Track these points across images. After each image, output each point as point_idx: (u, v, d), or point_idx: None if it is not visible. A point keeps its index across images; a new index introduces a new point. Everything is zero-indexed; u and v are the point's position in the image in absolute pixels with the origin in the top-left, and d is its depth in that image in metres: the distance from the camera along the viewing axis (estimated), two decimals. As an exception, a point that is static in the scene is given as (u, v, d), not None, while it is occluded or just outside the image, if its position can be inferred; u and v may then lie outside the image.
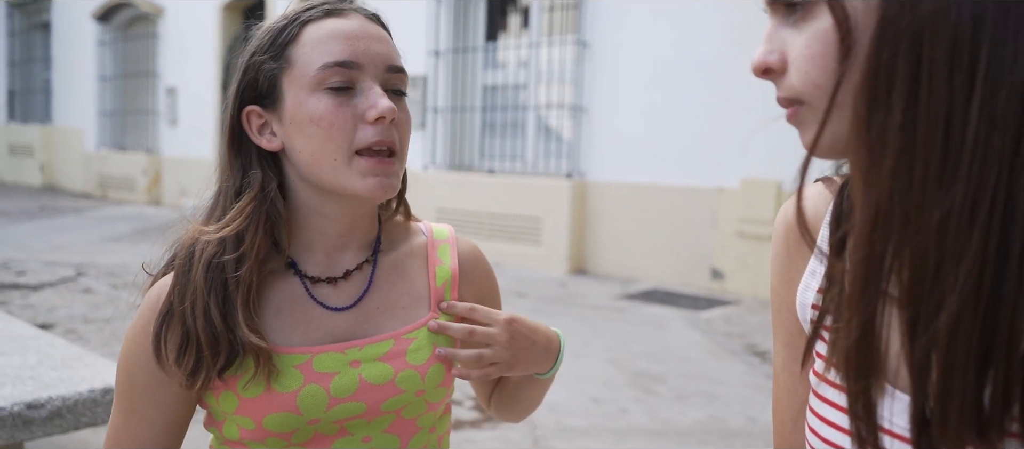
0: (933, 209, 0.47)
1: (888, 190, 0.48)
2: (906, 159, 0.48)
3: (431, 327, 0.92)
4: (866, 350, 0.52)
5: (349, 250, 0.94)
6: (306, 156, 0.86)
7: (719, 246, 6.09)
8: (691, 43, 6.16)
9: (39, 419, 1.81)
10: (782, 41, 0.57)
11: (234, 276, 0.85)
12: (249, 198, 0.87)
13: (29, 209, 10.15)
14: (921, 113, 0.47)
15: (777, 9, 0.58)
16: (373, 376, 0.89)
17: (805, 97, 0.56)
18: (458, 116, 7.81)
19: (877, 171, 0.49)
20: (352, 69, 0.85)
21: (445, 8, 7.70)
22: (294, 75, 0.86)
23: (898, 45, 0.48)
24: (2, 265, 6.14)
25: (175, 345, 0.85)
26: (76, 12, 12.49)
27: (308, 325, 0.90)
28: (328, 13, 0.88)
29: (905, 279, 0.49)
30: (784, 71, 0.57)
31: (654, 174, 6.43)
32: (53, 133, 13.38)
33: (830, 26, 0.52)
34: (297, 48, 0.86)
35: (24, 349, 2.13)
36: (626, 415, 3.37)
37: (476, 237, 7.22)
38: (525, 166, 7.39)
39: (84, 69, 12.47)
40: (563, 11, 7.15)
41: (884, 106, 0.48)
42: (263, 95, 0.88)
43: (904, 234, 0.48)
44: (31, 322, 4.13)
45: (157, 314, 0.87)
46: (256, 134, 0.89)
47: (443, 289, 0.97)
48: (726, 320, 5.15)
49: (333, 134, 0.84)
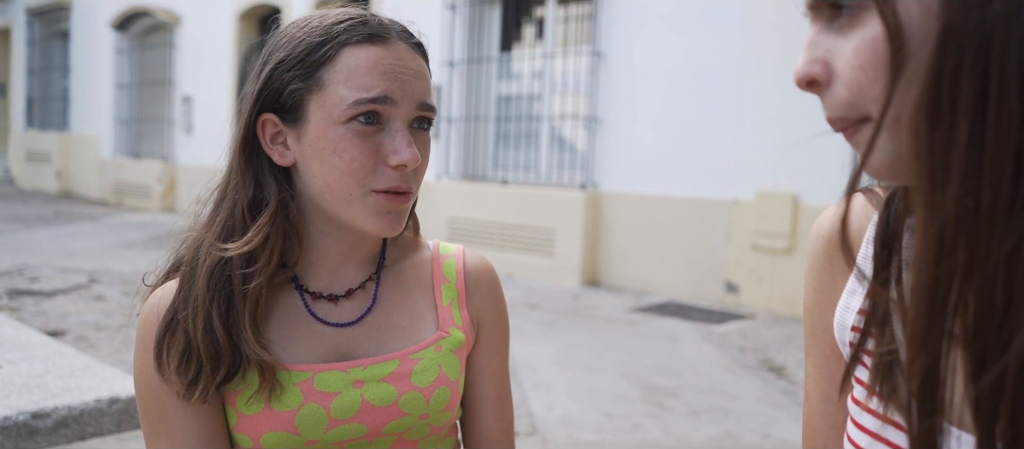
0: (1002, 239, 0.43)
1: (953, 218, 0.43)
2: (972, 183, 0.43)
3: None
4: (931, 393, 0.47)
5: (352, 266, 0.91)
6: (320, 183, 0.83)
7: (734, 259, 6.03)
8: (706, 54, 6.13)
9: (44, 429, 1.79)
10: (825, 49, 0.51)
11: (242, 289, 0.82)
12: (268, 216, 0.83)
13: (45, 215, 10.21)
14: (990, 131, 0.42)
15: (820, 13, 0.51)
16: (376, 397, 0.86)
17: (861, 111, 0.50)
18: (472, 126, 7.80)
19: (940, 196, 0.44)
20: (385, 105, 0.81)
21: (460, 18, 7.70)
22: (323, 100, 0.81)
23: (963, 55, 0.43)
24: (16, 271, 6.16)
25: (177, 354, 0.82)
26: (94, 21, 12.60)
27: (310, 341, 0.87)
28: (370, 38, 0.82)
29: (970, 317, 0.44)
30: (830, 83, 0.51)
31: (668, 186, 6.39)
32: (70, 140, 13.48)
33: (880, 34, 0.47)
34: (331, 72, 0.81)
35: (32, 357, 2.12)
36: (639, 430, 3.32)
37: (489, 248, 7.20)
38: (538, 177, 7.37)
39: (101, 77, 12.57)
40: (578, 22, 7.14)
41: (948, 123, 0.43)
42: (285, 108, 0.83)
43: (970, 267, 0.44)
44: (43, 328, 4.13)
45: (160, 321, 0.84)
46: (268, 144, 0.85)
47: (450, 307, 0.94)
48: (741, 334, 5.09)
49: (353, 170, 0.81)
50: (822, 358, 0.71)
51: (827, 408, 0.72)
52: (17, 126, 14.94)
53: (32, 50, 14.50)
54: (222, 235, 0.84)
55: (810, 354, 0.74)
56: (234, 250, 0.82)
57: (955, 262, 0.44)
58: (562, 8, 7.28)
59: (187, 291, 0.83)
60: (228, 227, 0.85)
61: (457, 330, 0.94)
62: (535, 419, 3.36)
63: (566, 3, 7.26)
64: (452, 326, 0.94)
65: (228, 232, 0.84)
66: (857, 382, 0.62)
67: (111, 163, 12.33)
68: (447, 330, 0.93)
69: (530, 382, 3.86)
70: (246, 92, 0.86)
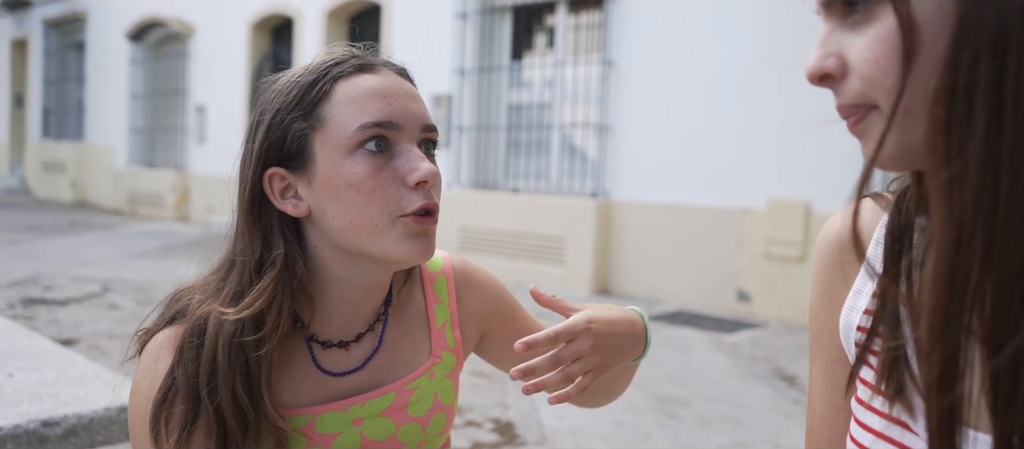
0: (1021, 229, 0.43)
1: (972, 208, 0.43)
2: (991, 173, 0.43)
3: (513, 375, 0.82)
4: (949, 384, 0.47)
5: (362, 314, 0.89)
6: (341, 222, 0.80)
7: (745, 267, 6.00)
8: (717, 62, 6.12)
9: (54, 437, 1.80)
10: (838, 44, 0.52)
11: (255, 355, 0.79)
12: (271, 277, 0.80)
13: (60, 224, 10.30)
14: (1007, 121, 0.43)
15: (833, 10, 0.53)
16: (375, 433, 0.86)
17: (874, 101, 0.51)
18: (483, 135, 7.81)
19: (958, 186, 0.44)
20: (391, 129, 0.79)
21: (471, 27, 7.72)
22: (327, 135, 0.79)
23: (979, 46, 0.43)
24: (31, 280, 6.21)
25: (177, 426, 0.79)
26: (110, 31, 12.73)
27: (314, 388, 0.86)
28: (359, 69, 0.82)
29: (988, 308, 0.44)
30: (844, 76, 0.52)
31: (679, 194, 6.37)
32: (85, 150, 13.60)
33: (894, 27, 0.48)
34: (330, 106, 0.79)
35: (43, 366, 2.13)
36: (649, 440, 3.30)
37: (499, 256, 7.20)
38: (549, 185, 7.37)
39: (116, 87, 12.69)
40: (588, 30, 7.15)
41: (966, 114, 0.44)
42: (290, 156, 0.81)
43: (988, 257, 0.43)
44: (56, 337, 4.16)
45: (157, 392, 0.81)
46: (279, 198, 0.82)
47: (444, 329, 0.94)
48: (752, 343, 5.06)
49: (375, 199, 0.78)
50: (827, 362, 0.72)
51: (831, 413, 0.72)
52: (33, 136, 15.09)
53: (49, 61, 14.66)
54: (231, 301, 0.81)
55: (815, 358, 0.74)
56: (234, 315, 0.79)
57: (973, 252, 0.44)
58: (573, 17, 7.29)
59: (193, 362, 0.80)
60: (237, 293, 0.81)
61: (449, 353, 0.94)
62: (544, 429, 3.35)
63: (577, 12, 7.27)
64: (444, 349, 0.93)
65: (237, 297, 0.81)
66: (861, 382, 0.62)
67: (125, 172, 12.43)
68: (440, 355, 0.92)
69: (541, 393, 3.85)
70: (243, 154, 0.84)
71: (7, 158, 16.27)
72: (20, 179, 15.44)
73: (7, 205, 12.70)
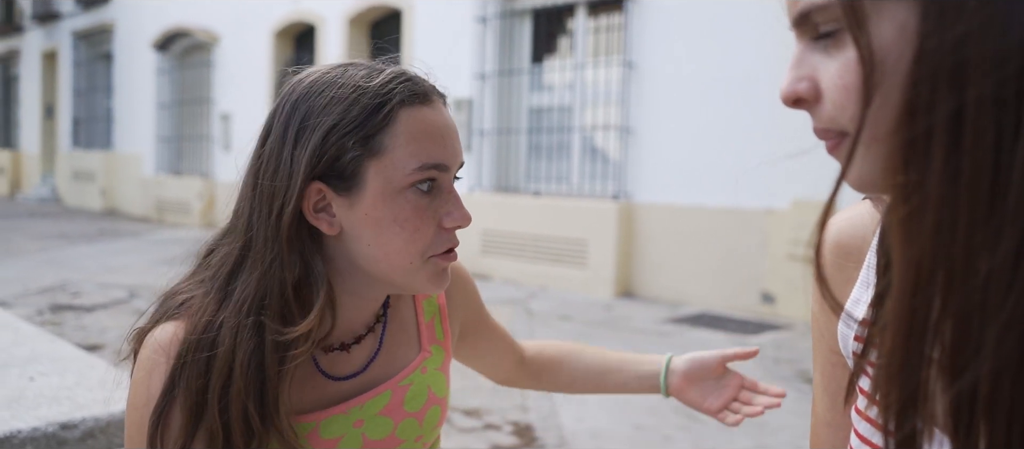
0: (979, 265, 0.41)
1: (931, 247, 0.42)
2: (949, 209, 0.41)
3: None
4: (910, 421, 0.45)
5: (362, 318, 0.89)
6: (376, 252, 0.79)
7: (769, 269, 5.94)
8: (738, 62, 6.07)
9: (72, 439, 1.82)
10: (812, 67, 0.51)
11: (277, 371, 0.78)
12: (324, 297, 0.79)
13: (88, 232, 10.46)
14: (966, 156, 0.41)
15: (805, 30, 0.51)
16: (375, 432, 0.87)
17: (846, 128, 0.50)
18: (504, 138, 7.81)
19: (917, 224, 0.42)
20: (442, 171, 0.80)
21: (491, 30, 7.73)
22: (383, 166, 0.77)
23: (937, 79, 0.42)
24: (59, 287, 6.31)
25: (178, 435, 0.78)
26: (136, 42, 12.92)
27: (316, 393, 0.85)
28: (419, 98, 0.80)
29: (948, 342, 0.43)
30: (818, 101, 0.51)
31: (702, 195, 6.32)
32: (114, 159, 13.81)
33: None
34: (391, 137, 0.77)
35: (64, 370, 2.16)
36: (669, 443, 3.27)
37: (521, 260, 7.19)
38: (571, 188, 7.35)
39: (143, 97, 12.88)
40: (608, 32, 7.13)
41: (924, 151, 0.42)
42: (338, 176, 0.78)
43: (947, 297, 0.42)
44: (82, 342, 4.21)
45: (157, 400, 0.79)
46: (312, 213, 0.79)
47: (432, 324, 0.95)
48: (776, 345, 5.01)
49: (416, 239, 0.79)
50: (828, 365, 0.71)
51: (833, 416, 0.71)
52: (64, 146, 15.35)
53: (78, 72, 14.91)
54: (278, 320, 0.78)
55: (817, 361, 0.73)
56: (299, 330, 0.77)
57: (933, 291, 0.42)
58: (592, 19, 7.28)
59: (201, 375, 0.77)
60: (282, 312, 0.78)
61: (438, 347, 0.94)
62: (564, 431, 3.34)
63: (596, 14, 7.25)
64: (433, 343, 0.94)
65: (285, 316, 0.78)
66: (860, 392, 0.61)
67: (153, 180, 12.60)
68: (429, 349, 0.93)
69: (560, 395, 3.83)
70: (282, 158, 0.79)
71: (38, 168, 16.57)
72: (51, 188, 15.71)
73: (39, 214, 12.93)
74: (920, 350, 0.43)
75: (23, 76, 17.12)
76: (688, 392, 1.09)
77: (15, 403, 1.86)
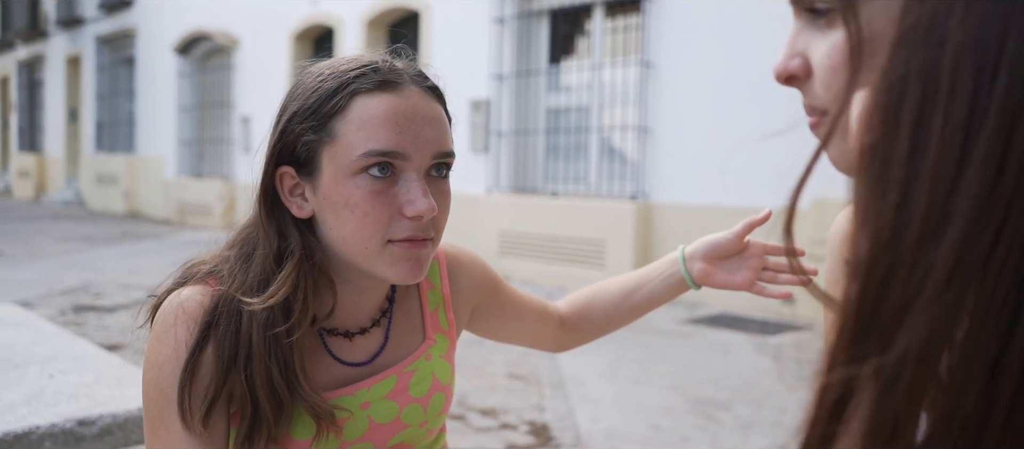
0: (928, 252, 0.40)
1: (888, 227, 0.41)
2: (912, 193, 0.41)
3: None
4: (839, 410, 0.44)
5: (367, 307, 0.91)
6: (336, 235, 0.82)
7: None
8: (756, 61, 6.02)
9: (90, 436, 1.84)
10: (805, 45, 0.52)
11: (288, 343, 0.81)
12: (292, 266, 0.82)
13: (111, 235, 10.58)
14: (933, 140, 0.40)
15: (801, 10, 0.53)
16: (381, 416, 0.89)
17: (828, 108, 0.51)
18: (521, 139, 7.81)
19: (878, 205, 0.42)
20: (396, 159, 0.79)
21: (508, 31, 7.74)
22: (335, 152, 0.80)
23: (911, 62, 0.41)
24: (82, 288, 6.39)
25: (201, 399, 0.80)
26: (158, 46, 13.06)
27: (325, 374, 0.88)
28: (381, 85, 0.80)
29: (879, 335, 0.42)
30: (808, 77, 0.53)
31: (720, 195, 6.29)
32: (136, 162, 13.97)
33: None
34: (343, 123, 0.79)
35: (82, 368, 2.18)
36: (686, 443, 3.25)
37: (539, 260, 7.18)
38: (589, 188, 7.33)
39: (165, 100, 13.01)
40: (625, 33, 7.10)
41: (892, 130, 0.42)
42: (299, 161, 0.83)
43: (894, 278, 0.41)
44: (104, 342, 4.26)
45: (185, 360, 0.81)
46: (288, 196, 0.84)
47: (437, 312, 0.97)
48: (797, 346, 4.96)
49: (367, 223, 0.79)
50: None
51: None
52: (87, 150, 15.54)
53: (101, 76, 15.10)
54: (256, 290, 0.83)
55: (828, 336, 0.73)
56: (259, 303, 0.80)
57: (885, 274, 0.41)
58: (610, 19, 7.26)
59: (231, 341, 0.81)
60: (261, 281, 0.83)
61: (442, 335, 0.96)
62: (580, 432, 3.32)
63: (614, 15, 7.23)
64: (438, 332, 0.96)
65: (261, 286, 0.83)
66: None
67: (175, 183, 12.72)
68: (433, 337, 0.95)
69: (577, 395, 3.83)
70: (267, 144, 0.86)
71: (63, 171, 16.79)
72: (75, 192, 15.91)
73: (63, 217, 13.10)
74: (867, 336, 0.43)
75: (48, 81, 17.36)
76: (715, 276, 1.08)
77: (35, 400, 1.88)
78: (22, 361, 2.21)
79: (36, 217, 13.01)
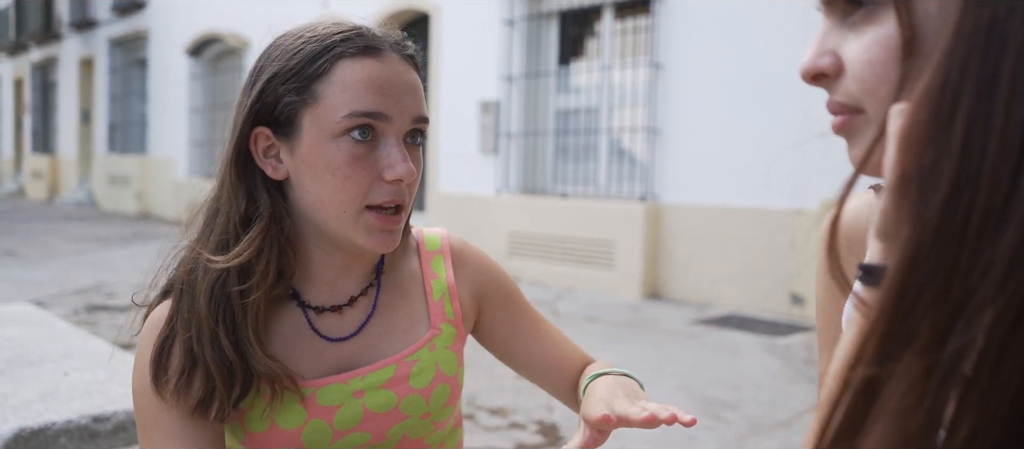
0: (986, 250, 0.39)
1: (935, 227, 0.40)
2: (966, 191, 0.40)
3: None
4: (867, 407, 0.43)
5: (352, 276, 0.90)
6: (313, 198, 0.82)
7: (799, 270, 5.88)
8: (766, 61, 6.02)
9: (104, 432, 1.87)
10: (836, 43, 0.51)
11: (241, 304, 0.81)
12: (260, 228, 0.82)
13: (123, 235, 10.65)
14: (993, 139, 0.40)
15: (834, 8, 0.52)
16: (377, 405, 0.87)
17: (864, 106, 0.50)
18: (531, 140, 7.82)
19: (926, 202, 0.41)
20: (379, 120, 0.80)
21: (518, 33, 7.75)
22: (317, 114, 0.80)
23: (970, 60, 0.40)
24: (94, 288, 6.44)
25: (176, 372, 0.81)
26: (170, 48, 13.14)
27: (312, 357, 0.87)
28: (364, 51, 0.81)
29: (929, 330, 0.41)
30: (838, 76, 0.51)
31: (730, 196, 6.28)
32: (148, 163, 14.05)
33: (895, 32, 0.47)
34: (326, 85, 0.80)
35: (96, 365, 2.21)
36: (694, 443, 3.26)
37: (549, 261, 7.20)
38: (598, 189, 7.34)
39: (176, 101, 13.09)
40: (635, 34, 7.11)
41: (947, 123, 0.41)
42: (277, 122, 0.82)
43: (949, 279, 0.40)
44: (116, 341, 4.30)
45: (156, 340, 0.82)
46: (262, 157, 0.83)
47: (442, 302, 0.95)
48: (807, 347, 4.96)
49: (347, 187, 0.80)
50: (833, 353, 0.71)
51: None
52: (100, 151, 15.64)
53: (114, 78, 15.20)
54: (216, 250, 0.83)
55: (823, 352, 0.73)
56: (223, 263, 0.80)
57: (928, 275, 0.41)
58: (619, 21, 7.26)
59: (187, 311, 0.82)
60: (222, 242, 0.83)
61: (449, 325, 0.95)
62: (589, 431, 3.33)
63: (623, 16, 7.24)
64: (444, 322, 0.94)
65: (222, 247, 0.83)
66: None
67: (186, 184, 12.79)
68: (439, 327, 0.93)
69: (586, 394, 3.84)
70: (238, 104, 0.85)
71: (75, 172, 16.91)
72: (88, 192, 16.02)
73: (75, 218, 13.19)
74: (900, 334, 0.43)
75: (61, 83, 17.49)
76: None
77: (49, 397, 1.91)
78: (37, 359, 2.24)
79: (49, 218, 13.11)
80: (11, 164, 21.17)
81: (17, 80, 20.39)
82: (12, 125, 21.12)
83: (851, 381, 0.43)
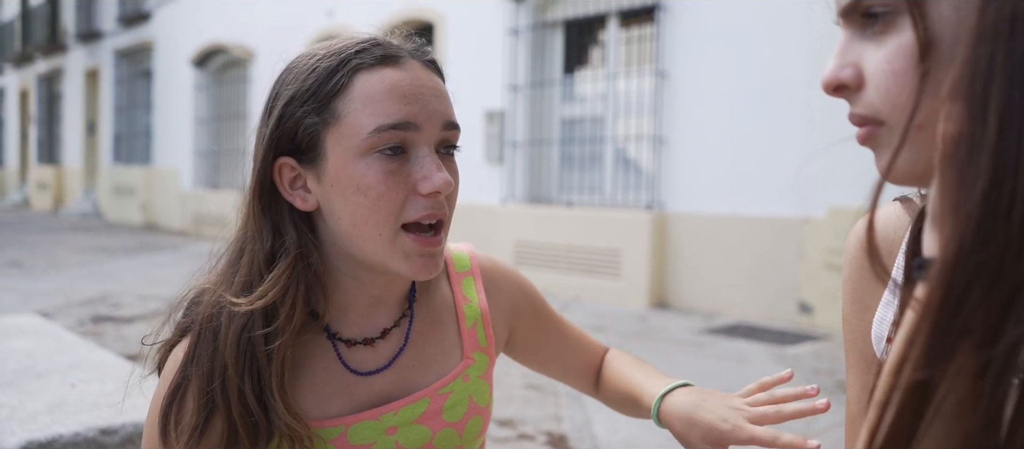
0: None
1: (978, 219, 0.40)
2: (1006, 181, 0.40)
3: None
4: (922, 407, 0.41)
5: (385, 306, 0.85)
6: (346, 224, 0.76)
7: (806, 278, 5.86)
8: (772, 69, 6.01)
9: (112, 445, 1.85)
10: (857, 54, 0.51)
11: (265, 350, 0.75)
12: (285, 266, 0.76)
13: (128, 246, 10.65)
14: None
15: (853, 20, 0.51)
16: (410, 441, 0.83)
17: (885, 117, 0.50)
18: (536, 150, 7.82)
19: (966, 195, 0.40)
20: (408, 131, 0.75)
21: (523, 42, 7.76)
22: (341, 133, 0.75)
23: (997, 53, 0.41)
24: (100, 299, 6.44)
25: (187, 428, 0.76)
26: (175, 59, 13.18)
27: (342, 394, 0.82)
28: (382, 60, 0.76)
29: (987, 323, 0.40)
30: (860, 87, 0.51)
31: (736, 205, 6.26)
32: (153, 174, 14.08)
33: (913, 39, 0.47)
34: (346, 102, 0.75)
35: (104, 377, 2.20)
36: (706, 453, 3.23)
37: (555, 271, 7.18)
38: (604, 198, 7.32)
39: (182, 112, 13.12)
40: (640, 43, 7.11)
41: (980, 115, 0.41)
42: (300, 149, 0.77)
43: (996, 273, 0.39)
44: (122, 352, 4.28)
45: (167, 389, 0.77)
46: (288, 189, 0.78)
47: (474, 329, 0.90)
48: (815, 356, 4.93)
49: (381, 206, 0.74)
50: (863, 368, 0.70)
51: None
52: (105, 162, 15.68)
53: (119, 89, 15.24)
54: (240, 293, 0.77)
55: (851, 365, 0.72)
56: (246, 305, 0.75)
57: (975, 268, 0.40)
58: (624, 30, 7.26)
59: (208, 359, 0.76)
60: (247, 284, 0.78)
61: (481, 353, 0.91)
62: (598, 442, 3.31)
63: (628, 25, 7.24)
64: (476, 350, 0.91)
65: (246, 289, 0.77)
66: None
67: (191, 195, 12.81)
68: (472, 356, 0.89)
69: (594, 405, 3.81)
70: (257, 135, 0.80)
71: (81, 183, 16.95)
72: (93, 203, 16.05)
73: (81, 228, 13.21)
74: (947, 336, 0.41)
75: (66, 94, 17.55)
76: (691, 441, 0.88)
77: (57, 409, 1.89)
78: (44, 370, 2.23)
79: (54, 228, 13.13)
80: (16, 175, 21.24)
81: (23, 91, 20.47)
82: (17, 136, 21.20)
83: (900, 383, 0.42)
